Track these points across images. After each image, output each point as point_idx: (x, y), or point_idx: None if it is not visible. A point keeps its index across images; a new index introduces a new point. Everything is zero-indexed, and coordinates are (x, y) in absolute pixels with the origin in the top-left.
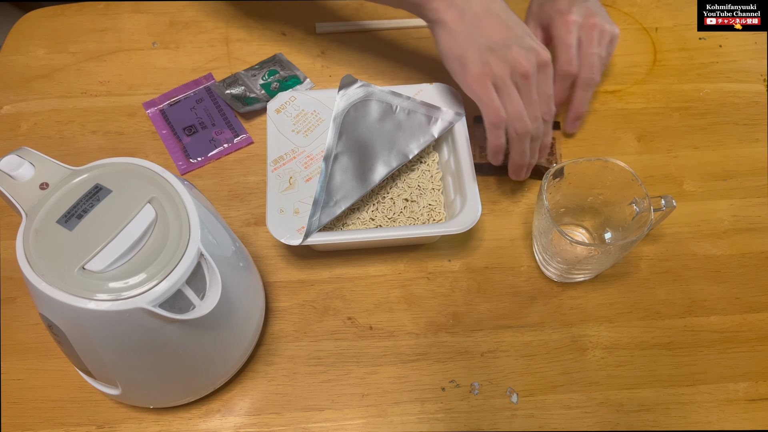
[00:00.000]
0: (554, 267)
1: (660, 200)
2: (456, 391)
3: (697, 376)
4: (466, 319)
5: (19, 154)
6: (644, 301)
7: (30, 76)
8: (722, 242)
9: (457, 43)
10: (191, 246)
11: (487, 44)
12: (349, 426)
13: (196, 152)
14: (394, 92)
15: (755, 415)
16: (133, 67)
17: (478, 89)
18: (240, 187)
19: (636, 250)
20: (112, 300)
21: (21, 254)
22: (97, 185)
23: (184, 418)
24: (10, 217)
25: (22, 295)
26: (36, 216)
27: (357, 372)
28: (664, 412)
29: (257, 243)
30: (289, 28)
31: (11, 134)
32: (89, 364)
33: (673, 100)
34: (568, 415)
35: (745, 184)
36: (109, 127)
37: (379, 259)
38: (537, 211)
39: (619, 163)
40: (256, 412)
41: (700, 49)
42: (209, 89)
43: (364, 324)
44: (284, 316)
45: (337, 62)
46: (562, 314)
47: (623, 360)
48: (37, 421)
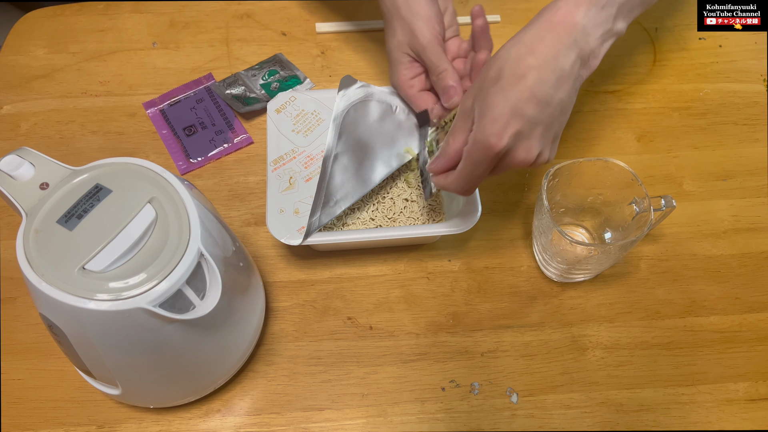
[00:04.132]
0: (554, 267)
1: (660, 200)
2: (456, 391)
3: (697, 376)
4: (466, 319)
5: (19, 154)
6: (644, 301)
7: (30, 76)
8: (722, 242)
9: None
10: (191, 246)
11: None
12: (349, 426)
13: (196, 152)
14: (394, 92)
15: (755, 415)
16: (133, 67)
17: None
18: (240, 187)
19: (636, 250)
20: (112, 300)
21: (21, 254)
22: (97, 185)
23: (184, 418)
24: (10, 217)
25: (22, 295)
26: (36, 216)
27: (357, 372)
28: (664, 412)
29: (257, 243)
30: (289, 28)
31: (11, 134)
32: (89, 364)
33: (673, 100)
34: (568, 415)
35: (745, 184)
36: (109, 127)
37: (379, 259)
38: (537, 211)
39: (619, 163)
40: (256, 412)
41: (700, 49)
42: (209, 89)
43: (364, 324)
44: (284, 316)
45: (337, 62)
46: (562, 314)
47: (623, 360)
48: (37, 421)
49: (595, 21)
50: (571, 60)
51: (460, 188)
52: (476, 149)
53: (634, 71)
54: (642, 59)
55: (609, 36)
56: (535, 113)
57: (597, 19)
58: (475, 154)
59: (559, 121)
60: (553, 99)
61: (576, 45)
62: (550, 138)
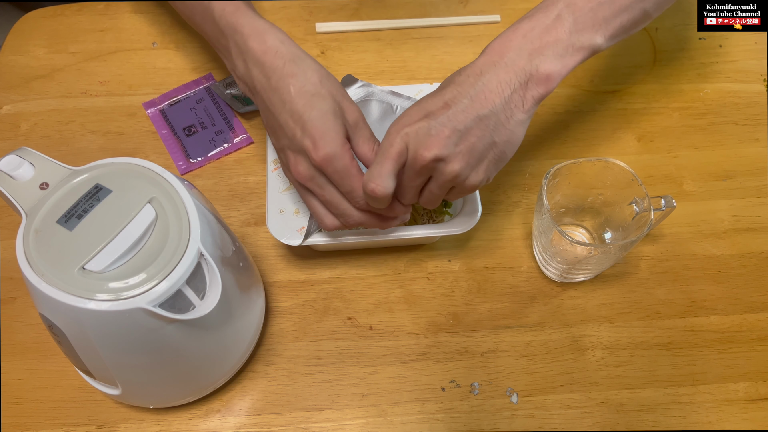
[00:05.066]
0: (554, 267)
1: (660, 200)
2: (456, 391)
3: (697, 376)
4: (466, 319)
5: (19, 154)
6: (644, 301)
7: (30, 76)
8: (722, 242)
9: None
10: (191, 246)
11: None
12: (349, 426)
13: (196, 152)
14: (394, 92)
15: (755, 415)
16: (133, 67)
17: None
18: (240, 187)
19: (636, 250)
20: (112, 300)
21: (21, 254)
22: (97, 185)
23: (184, 418)
24: (10, 217)
25: (22, 295)
26: (36, 216)
27: (357, 372)
28: (664, 412)
29: (257, 243)
30: (289, 28)
31: (11, 134)
32: (89, 364)
33: (673, 100)
34: (568, 415)
35: (745, 184)
36: (109, 127)
37: (379, 259)
38: (537, 211)
39: (619, 163)
40: (256, 412)
41: (700, 49)
42: (209, 89)
43: (364, 324)
44: (284, 316)
45: (337, 62)
46: (562, 314)
47: (623, 360)
48: (37, 421)
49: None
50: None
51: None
52: (380, 149)
53: (634, 71)
54: (642, 59)
55: (568, 53)
56: (446, 119)
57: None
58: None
59: (487, 141)
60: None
61: (507, 67)
62: (474, 159)
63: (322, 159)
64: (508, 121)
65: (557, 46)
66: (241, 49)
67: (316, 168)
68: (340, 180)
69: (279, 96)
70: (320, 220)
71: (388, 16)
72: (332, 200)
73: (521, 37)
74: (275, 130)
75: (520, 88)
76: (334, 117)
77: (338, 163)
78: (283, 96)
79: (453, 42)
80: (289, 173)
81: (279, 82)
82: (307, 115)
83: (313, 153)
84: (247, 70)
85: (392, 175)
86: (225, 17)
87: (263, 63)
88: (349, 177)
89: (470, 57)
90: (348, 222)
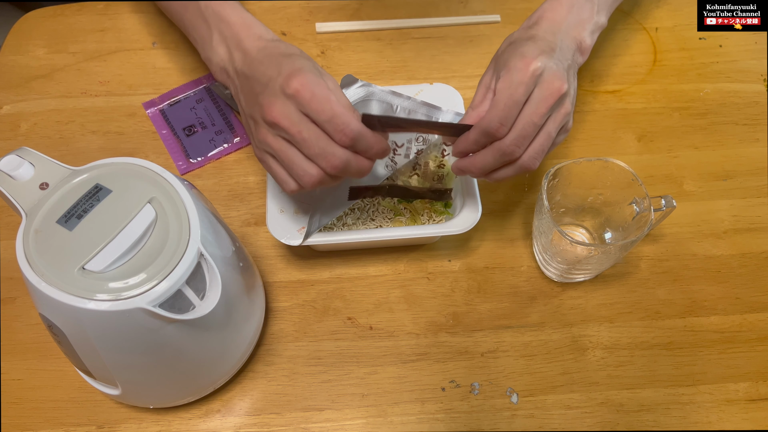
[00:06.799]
0: (554, 267)
1: (660, 200)
2: (456, 391)
3: (697, 376)
4: (466, 319)
5: (19, 154)
6: (644, 301)
7: (30, 76)
8: (722, 242)
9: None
10: (191, 246)
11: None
12: (349, 426)
13: (195, 152)
14: (394, 92)
15: (755, 415)
16: (133, 67)
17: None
18: (240, 187)
19: (636, 250)
20: (112, 300)
21: (21, 254)
22: (97, 185)
23: (184, 418)
24: (10, 217)
25: (22, 295)
26: (36, 216)
27: (357, 372)
28: (664, 412)
29: (257, 243)
30: (289, 28)
31: (11, 134)
32: (89, 364)
33: (673, 100)
34: (568, 415)
35: (745, 184)
36: (109, 127)
37: (379, 259)
38: (537, 211)
39: (619, 163)
40: (256, 412)
41: (700, 49)
42: (209, 89)
43: (364, 324)
44: (284, 316)
45: (337, 62)
46: (562, 314)
47: (623, 360)
48: (37, 421)
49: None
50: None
51: (497, 130)
52: (508, 82)
53: (634, 71)
54: (642, 59)
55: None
56: (548, 48)
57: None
58: (508, 90)
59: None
60: (558, 46)
61: (566, 33)
62: (572, 74)
63: (300, 84)
64: (574, 80)
65: (590, 24)
66: (225, 36)
67: (290, 101)
68: (319, 106)
69: (259, 61)
70: (283, 182)
71: (388, 16)
72: (309, 138)
73: (567, 10)
74: (247, 94)
75: (575, 54)
76: (315, 68)
77: (316, 89)
78: (261, 58)
79: (453, 42)
80: (257, 135)
81: (261, 52)
82: (284, 59)
83: (289, 83)
84: (229, 54)
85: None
86: (212, 6)
87: (247, 49)
88: (328, 101)
89: (470, 57)
90: (329, 163)
